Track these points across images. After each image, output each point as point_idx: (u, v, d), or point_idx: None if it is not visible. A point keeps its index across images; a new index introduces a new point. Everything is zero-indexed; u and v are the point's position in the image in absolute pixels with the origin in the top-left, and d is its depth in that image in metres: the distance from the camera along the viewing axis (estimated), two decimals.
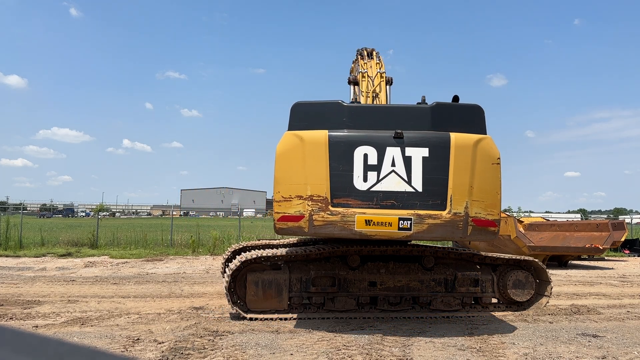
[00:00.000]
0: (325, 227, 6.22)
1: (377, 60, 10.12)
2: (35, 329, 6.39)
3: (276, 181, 6.34)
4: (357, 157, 6.26)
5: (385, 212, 6.18)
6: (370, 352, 5.36)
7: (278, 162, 6.36)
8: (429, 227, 6.17)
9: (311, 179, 6.25)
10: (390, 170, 6.24)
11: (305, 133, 6.39)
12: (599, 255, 17.44)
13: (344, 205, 6.20)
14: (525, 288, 7.94)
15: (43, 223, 37.83)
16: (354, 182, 6.23)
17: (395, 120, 6.50)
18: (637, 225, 37.30)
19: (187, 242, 19.03)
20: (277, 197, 6.32)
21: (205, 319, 7.06)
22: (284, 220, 6.26)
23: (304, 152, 6.31)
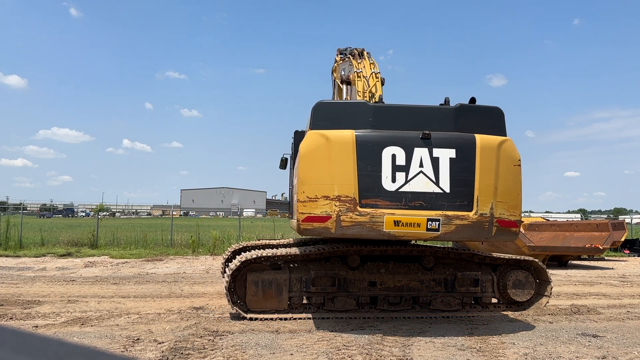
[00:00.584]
0: (353, 228, 6.13)
1: (372, 61, 10.14)
2: (35, 329, 6.39)
3: (301, 181, 6.22)
4: (385, 157, 6.21)
5: (413, 212, 6.16)
6: (370, 352, 5.36)
7: (303, 162, 6.25)
8: (457, 228, 6.21)
9: (338, 179, 6.14)
10: (419, 171, 6.23)
11: (331, 132, 6.28)
12: (599, 255, 17.44)
13: (373, 206, 6.14)
14: (525, 288, 7.94)
15: (43, 223, 37.84)
16: (383, 183, 6.17)
17: (420, 121, 6.48)
18: (637, 225, 37.30)
19: (187, 242, 19.04)
20: (301, 197, 6.17)
21: (205, 319, 7.06)
22: (309, 221, 6.12)
23: (330, 151, 6.20)
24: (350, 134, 6.27)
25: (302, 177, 6.22)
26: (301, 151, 6.30)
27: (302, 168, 6.25)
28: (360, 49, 10.61)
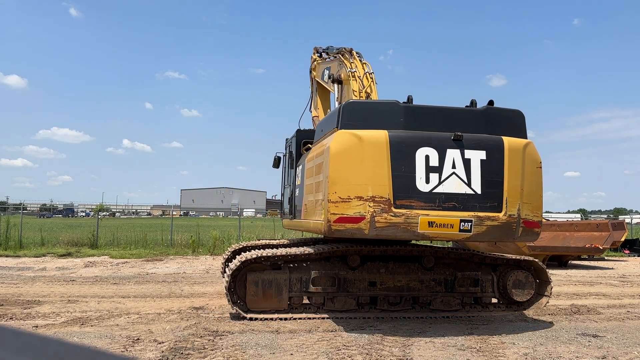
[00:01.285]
0: (387, 229, 6.09)
1: (364, 61, 10.12)
2: (35, 329, 6.39)
3: (332, 181, 6.09)
4: (419, 158, 6.20)
5: (447, 213, 6.17)
6: (370, 352, 5.36)
7: (334, 162, 6.13)
8: (488, 228, 6.27)
9: (372, 180, 6.06)
10: (451, 172, 6.25)
11: (363, 132, 6.19)
12: (599, 255, 17.44)
13: (407, 207, 6.11)
14: (525, 288, 7.93)
15: (43, 223, 37.84)
16: (417, 184, 6.15)
17: (449, 122, 6.50)
18: (637, 225, 37.31)
19: (187, 242, 19.04)
20: (333, 197, 6.06)
21: (205, 319, 7.06)
22: (342, 222, 6.02)
23: (363, 151, 6.12)
24: (384, 134, 6.20)
25: (333, 177, 6.10)
26: (332, 151, 6.17)
27: (333, 168, 6.11)
28: (349, 48, 10.55)
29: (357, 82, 9.59)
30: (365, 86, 9.57)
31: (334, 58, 10.87)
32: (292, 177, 9.22)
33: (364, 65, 9.98)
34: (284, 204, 10.14)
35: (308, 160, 7.75)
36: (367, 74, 9.88)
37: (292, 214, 8.86)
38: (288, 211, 9.34)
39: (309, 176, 7.48)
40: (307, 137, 9.04)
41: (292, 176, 9.24)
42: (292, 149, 9.42)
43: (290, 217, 9.03)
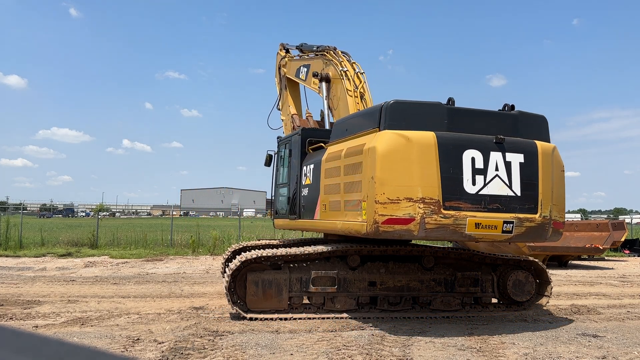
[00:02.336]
0: (437, 231, 6.11)
1: (353, 61, 10.06)
2: (35, 329, 6.39)
3: (380, 182, 6.02)
4: (466, 160, 6.27)
5: (491, 215, 6.28)
6: (370, 352, 5.36)
7: (382, 162, 6.07)
8: (526, 230, 6.43)
9: (422, 181, 6.06)
10: (495, 175, 6.36)
11: (411, 133, 6.17)
12: (599, 255, 17.44)
13: (456, 209, 6.15)
14: (525, 288, 7.94)
15: (43, 223, 37.84)
16: (464, 185, 6.21)
17: (488, 125, 6.60)
18: (637, 225, 37.30)
19: (187, 242, 19.04)
20: (381, 198, 6.00)
21: (205, 319, 7.06)
22: (391, 223, 5.98)
23: (412, 152, 6.10)
24: (432, 135, 6.20)
25: (381, 178, 6.03)
26: (379, 151, 6.09)
27: (381, 168, 6.05)
28: (332, 46, 10.45)
29: (350, 81, 9.51)
30: (358, 86, 9.53)
31: (316, 56, 10.72)
32: (293, 175, 8.96)
33: (354, 65, 9.93)
34: (278, 203, 9.83)
35: (327, 159, 7.47)
36: (358, 73, 9.80)
37: (296, 214, 8.61)
38: (287, 211, 9.07)
39: (330, 176, 7.28)
40: (313, 135, 8.80)
41: (293, 175, 8.97)
42: (291, 147, 9.17)
43: (292, 217, 8.79)
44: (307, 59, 11.21)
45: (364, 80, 9.74)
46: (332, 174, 7.27)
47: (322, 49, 10.62)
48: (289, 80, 12.13)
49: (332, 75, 9.99)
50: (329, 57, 10.26)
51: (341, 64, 9.91)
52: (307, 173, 8.26)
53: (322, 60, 10.44)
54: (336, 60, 10.04)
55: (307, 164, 8.35)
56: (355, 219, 6.46)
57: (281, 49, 12.70)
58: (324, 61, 10.37)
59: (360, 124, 7.02)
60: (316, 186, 7.78)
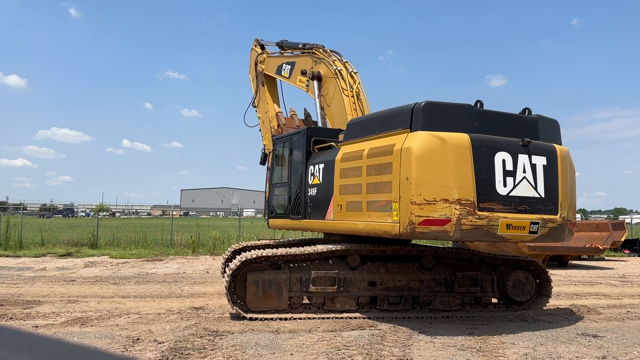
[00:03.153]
0: (471, 232, 6.18)
1: (346, 60, 9.96)
2: (35, 329, 6.39)
3: (416, 183, 6.03)
4: (497, 162, 6.38)
5: (520, 216, 6.42)
6: (370, 352, 5.36)
7: (418, 163, 6.08)
8: (549, 230, 6.61)
9: (457, 182, 6.11)
10: (522, 177, 6.51)
11: (445, 135, 6.21)
12: (599, 255, 17.44)
13: (489, 210, 6.24)
14: (525, 288, 7.94)
15: (43, 223, 37.83)
16: (496, 187, 6.33)
17: (513, 128, 6.72)
18: (637, 225, 37.30)
19: (187, 242, 19.03)
20: (418, 199, 6.01)
21: (205, 319, 7.06)
22: (427, 224, 6.01)
23: (448, 154, 6.15)
24: (466, 137, 6.27)
25: (418, 179, 6.04)
26: (415, 152, 6.10)
27: (417, 169, 6.06)
28: (320, 44, 10.35)
29: (344, 80, 9.38)
30: (353, 86, 9.45)
31: (302, 53, 10.55)
32: (295, 175, 8.73)
33: (346, 64, 9.82)
34: (274, 203, 9.56)
35: (343, 159, 7.35)
36: (351, 72, 9.70)
37: (301, 214, 8.39)
38: (288, 211, 8.87)
39: (347, 176, 7.19)
40: (318, 134, 8.62)
41: (295, 174, 8.73)
42: (292, 146, 8.96)
43: (295, 217, 8.56)
44: (290, 56, 11.01)
45: (359, 80, 9.65)
46: (350, 174, 7.18)
47: (310, 47, 10.45)
48: (266, 77, 11.89)
49: (323, 74, 9.85)
50: (320, 55, 10.10)
51: (334, 62, 9.79)
52: (315, 173, 8.10)
53: (311, 58, 10.27)
54: (328, 59, 9.89)
55: (314, 164, 8.17)
56: (383, 220, 6.43)
57: (256, 45, 12.49)
58: (314, 59, 10.19)
59: (384, 124, 6.93)
60: (328, 186, 7.65)
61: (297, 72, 10.62)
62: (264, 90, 11.92)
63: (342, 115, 9.33)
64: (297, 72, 10.62)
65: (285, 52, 11.40)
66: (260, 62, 11.99)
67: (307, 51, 10.47)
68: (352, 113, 9.21)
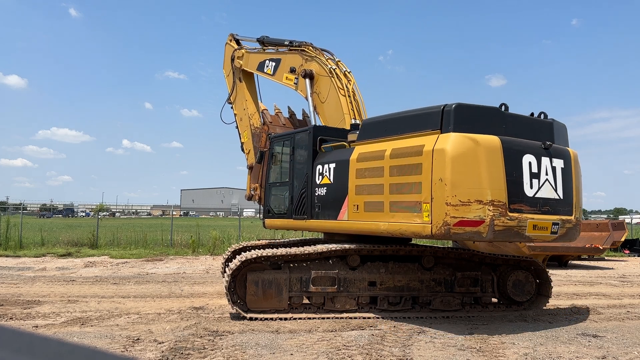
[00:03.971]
0: (503, 233, 6.28)
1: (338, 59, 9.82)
2: (35, 329, 6.39)
3: (452, 184, 6.08)
4: (525, 164, 6.56)
5: (544, 217, 6.62)
6: (370, 352, 5.36)
7: (453, 164, 6.13)
8: (566, 230, 6.87)
9: (490, 184, 6.21)
10: (545, 179, 6.74)
11: (478, 137, 6.29)
12: (599, 255, 17.44)
13: (518, 211, 6.38)
14: (525, 288, 7.94)
15: (43, 223, 37.83)
16: (524, 189, 6.49)
17: (533, 131, 6.90)
18: (637, 225, 37.29)
19: (187, 242, 19.03)
20: (453, 200, 6.06)
21: (205, 319, 7.06)
22: (462, 225, 6.09)
23: (481, 155, 6.23)
24: (497, 139, 6.39)
25: (453, 180, 6.09)
26: (449, 153, 6.15)
27: (452, 171, 6.11)
28: (308, 42, 10.16)
29: (339, 80, 9.24)
30: (349, 86, 9.30)
31: (290, 51, 10.34)
32: (299, 174, 8.54)
33: (339, 63, 9.69)
34: (272, 203, 9.33)
35: (360, 159, 7.29)
36: (345, 72, 9.56)
37: (307, 214, 8.19)
38: (291, 211, 8.60)
39: (365, 176, 7.15)
40: (325, 134, 8.47)
41: (299, 174, 8.55)
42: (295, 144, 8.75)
43: (300, 217, 8.35)
44: (274, 53, 10.78)
45: (354, 80, 9.51)
46: (370, 175, 7.13)
47: (299, 44, 10.23)
48: (244, 74, 11.64)
49: (316, 72, 9.65)
50: (310, 53, 9.89)
51: (328, 61, 9.64)
52: (325, 172, 7.95)
53: (301, 55, 10.05)
54: (321, 57, 9.73)
55: (323, 163, 8.02)
56: (410, 220, 6.44)
57: (231, 40, 12.23)
58: (304, 57, 9.97)
59: (408, 125, 6.90)
60: (340, 186, 7.55)
61: (284, 69, 10.37)
62: (241, 86, 11.68)
63: (337, 115, 9.21)
64: (284, 69, 10.37)
65: (267, 49, 11.13)
66: (238, 58, 11.71)
67: (295, 49, 10.25)
68: (349, 113, 9.07)
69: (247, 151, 11.49)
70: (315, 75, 9.69)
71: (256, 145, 11.16)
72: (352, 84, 9.45)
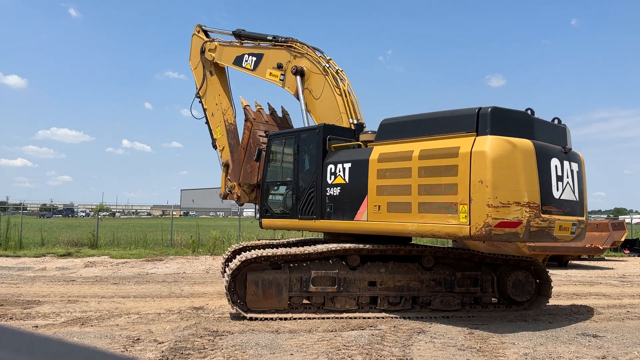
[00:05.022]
0: (536, 233, 6.47)
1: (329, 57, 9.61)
2: (35, 329, 6.39)
3: (493, 186, 6.19)
4: (552, 167, 6.83)
5: (566, 218, 6.91)
6: (370, 352, 5.36)
7: (494, 167, 6.24)
8: (580, 231, 7.20)
9: (527, 186, 6.41)
10: (567, 182, 7.05)
11: (515, 140, 6.46)
12: (599, 255, 17.44)
13: (549, 212, 6.61)
14: (525, 288, 7.94)
15: (43, 223, 37.82)
16: (552, 191, 6.75)
17: (553, 136, 7.17)
18: (637, 225, 37.30)
19: (187, 242, 19.03)
20: (494, 202, 6.18)
21: (205, 319, 7.06)
22: (502, 227, 6.21)
23: (518, 158, 6.41)
24: (530, 142, 6.60)
25: (494, 182, 6.21)
26: (490, 156, 6.25)
27: (493, 173, 6.23)
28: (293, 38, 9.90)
29: (334, 79, 9.08)
30: (343, 86, 9.12)
31: (274, 46, 10.05)
32: (306, 174, 8.33)
33: (330, 62, 9.48)
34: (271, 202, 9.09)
35: (382, 159, 7.25)
36: (337, 70, 9.37)
37: (316, 214, 8.02)
38: (297, 211, 8.35)
39: (388, 177, 7.14)
40: (335, 133, 8.35)
41: (306, 173, 8.34)
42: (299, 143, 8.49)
43: (309, 217, 8.14)
44: (255, 47, 10.44)
45: (347, 79, 9.34)
46: (393, 175, 7.11)
47: (285, 40, 9.93)
48: (216, 67, 11.28)
49: (308, 69, 9.39)
50: (300, 49, 9.63)
51: (320, 59, 9.42)
52: (338, 172, 7.82)
53: (289, 52, 9.76)
54: (313, 54, 9.49)
55: (336, 163, 7.89)
56: (444, 221, 6.49)
57: (199, 32, 11.81)
58: (292, 53, 9.69)
59: (438, 126, 6.92)
60: (358, 186, 7.47)
61: (267, 64, 10.06)
62: (213, 80, 11.30)
63: (333, 114, 9.01)
64: (267, 64, 10.06)
65: (245, 43, 10.78)
66: (210, 50, 11.30)
67: (281, 44, 9.96)
68: (345, 112, 8.93)
69: (220, 148, 11.15)
70: (307, 72, 9.45)
71: (231, 142, 10.84)
72: (347, 83, 9.33)
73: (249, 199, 10.72)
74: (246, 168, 10.19)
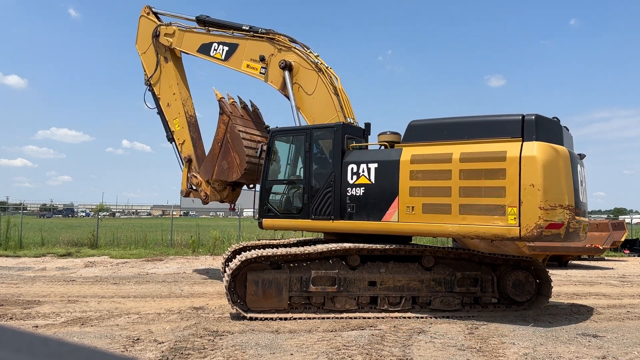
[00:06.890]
0: (572, 234, 6.90)
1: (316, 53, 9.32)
2: (35, 329, 6.39)
3: (544, 190, 6.53)
4: (578, 172, 7.33)
5: (583, 219, 7.39)
6: (370, 352, 5.36)
7: (544, 171, 6.58)
8: (587, 231, 7.62)
9: (567, 190, 6.85)
10: (584, 186, 7.61)
11: (556, 146, 6.86)
12: (599, 255, 17.44)
13: (578, 214, 7.06)
14: (525, 288, 7.93)
15: (43, 223, 37.82)
16: (579, 194, 7.24)
17: (570, 142, 7.53)
18: (637, 225, 37.27)
19: (187, 242, 19.02)
20: (545, 205, 6.52)
21: (205, 319, 7.06)
22: (551, 228, 6.58)
23: (561, 163, 6.83)
24: (566, 149, 7.05)
25: (545, 186, 6.55)
26: (540, 161, 6.58)
27: (544, 177, 6.57)
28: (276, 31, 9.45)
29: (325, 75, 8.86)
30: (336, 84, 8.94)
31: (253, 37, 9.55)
32: (321, 173, 8.14)
33: (318, 58, 9.19)
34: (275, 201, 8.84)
35: (415, 161, 7.24)
36: (328, 68, 9.10)
37: (335, 214, 7.82)
38: (308, 210, 8.09)
39: (421, 178, 7.18)
40: (352, 133, 8.23)
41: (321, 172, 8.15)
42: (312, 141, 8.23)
43: (325, 218, 7.92)
44: (226, 36, 9.89)
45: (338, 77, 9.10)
46: (428, 177, 7.16)
47: (266, 32, 9.40)
48: (172, 54, 10.59)
49: (298, 65, 9.03)
50: (286, 43, 9.24)
51: (309, 54, 9.09)
52: (362, 172, 7.68)
53: (272, 45, 9.26)
54: (304, 50, 9.17)
55: (359, 162, 7.73)
56: (490, 223, 6.74)
57: (148, 14, 11.01)
58: (276, 46, 9.24)
59: (478, 130, 7.10)
60: (387, 187, 7.42)
61: (243, 55, 9.56)
62: (168, 67, 10.60)
63: (328, 111, 8.76)
64: (243, 55, 9.56)
65: (212, 30, 10.17)
66: (167, 35, 10.56)
67: (261, 35, 9.46)
68: (340, 110, 8.70)
69: (180, 141, 10.56)
70: (295, 66, 9.09)
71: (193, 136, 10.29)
72: (339, 81, 9.11)
73: (220, 197, 10.21)
74: (222, 164, 9.65)
